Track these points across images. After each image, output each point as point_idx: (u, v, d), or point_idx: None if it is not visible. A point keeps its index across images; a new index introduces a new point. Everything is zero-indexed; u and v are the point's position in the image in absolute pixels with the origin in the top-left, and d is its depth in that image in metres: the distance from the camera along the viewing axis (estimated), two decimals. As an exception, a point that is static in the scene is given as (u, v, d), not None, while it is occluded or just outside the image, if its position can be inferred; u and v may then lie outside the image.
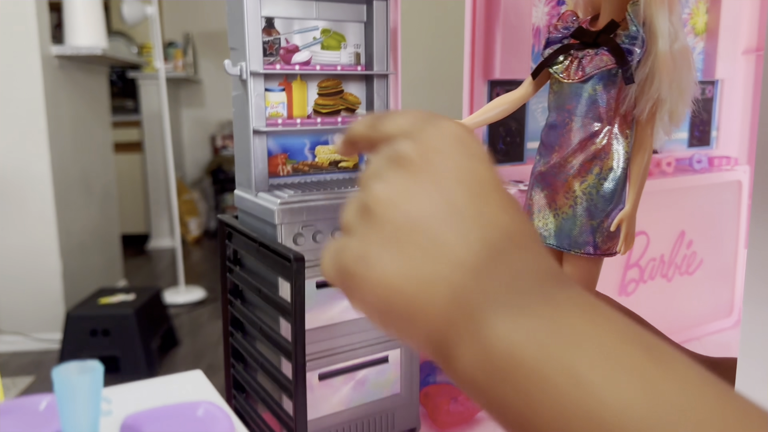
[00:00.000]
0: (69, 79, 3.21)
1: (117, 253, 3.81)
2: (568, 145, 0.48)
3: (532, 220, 0.50)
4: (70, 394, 0.29)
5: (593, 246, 0.48)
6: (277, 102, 0.54)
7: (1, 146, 2.89)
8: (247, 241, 0.53)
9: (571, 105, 0.47)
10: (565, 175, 0.47)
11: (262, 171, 0.54)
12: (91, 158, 3.47)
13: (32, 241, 2.97)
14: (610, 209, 0.47)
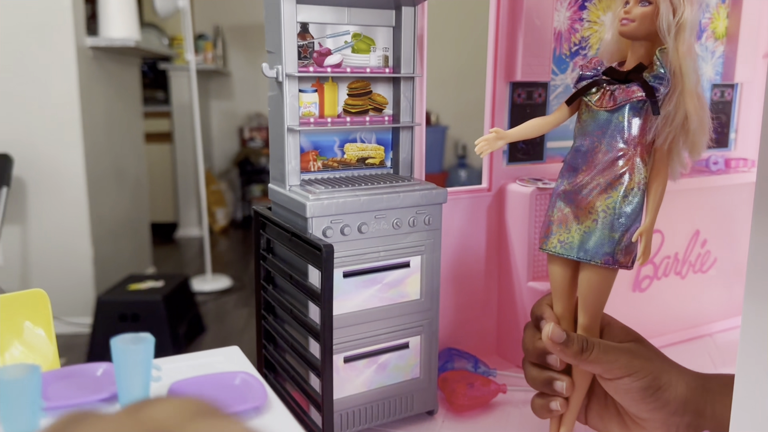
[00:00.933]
0: (102, 70, 3.28)
1: (146, 241, 3.89)
2: (594, 166, 0.52)
3: (552, 235, 0.54)
4: (125, 361, 0.33)
5: (612, 257, 0.51)
6: (310, 102, 0.58)
7: (37, 135, 2.98)
8: (280, 231, 0.57)
9: (600, 131, 0.52)
10: (590, 192, 0.52)
11: (295, 167, 0.58)
12: (123, 148, 3.55)
13: (65, 228, 3.05)
14: (629, 225, 0.52)
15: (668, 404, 0.52)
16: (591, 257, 0.52)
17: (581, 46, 0.77)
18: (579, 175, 0.53)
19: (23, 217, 3.05)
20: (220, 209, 5.10)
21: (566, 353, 0.52)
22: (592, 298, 0.54)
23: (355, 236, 0.57)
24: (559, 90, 0.77)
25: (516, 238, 0.75)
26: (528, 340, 0.56)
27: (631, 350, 0.53)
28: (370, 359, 0.60)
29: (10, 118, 2.96)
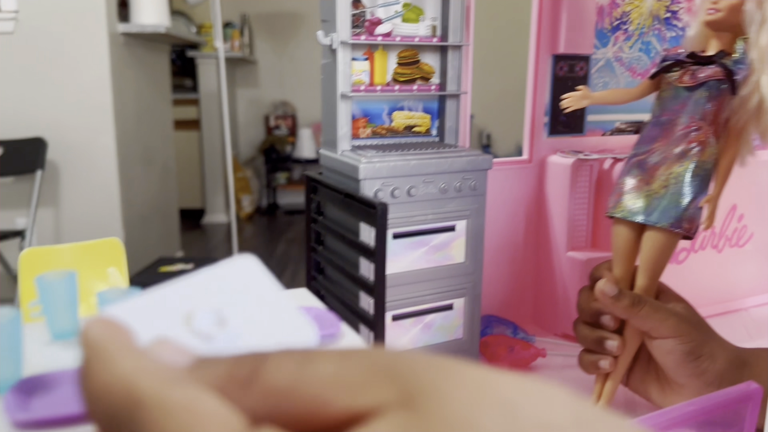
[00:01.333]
0: (133, 56, 3.33)
1: (175, 226, 3.95)
2: (670, 137, 0.55)
3: (622, 201, 0.57)
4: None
5: (678, 222, 0.54)
6: (361, 70, 0.60)
7: (70, 120, 3.03)
8: (332, 193, 0.60)
9: (679, 106, 0.55)
10: (663, 161, 0.55)
11: (347, 132, 0.60)
12: (153, 134, 3.60)
13: (97, 211, 3.11)
14: (697, 193, 0.54)
15: (705, 373, 0.54)
16: (657, 221, 0.54)
17: (622, 21, 0.78)
18: (655, 144, 0.56)
19: (56, 200, 3.11)
20: (246, 196, 5.15)
21: (618, 307, 0.54)
22: (653, 262, 0.56)
23: (405, 199, 0.59)
24: (600, 63, 0.78)
25: (555, 208, 0.77)
26: (583, 300, 0.58)
27: (681, 314, 0.55)
28: (416, 318, 0.62)
29: (44, 102, 3.01)
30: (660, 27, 0.81)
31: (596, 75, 0.78)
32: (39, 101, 3.00)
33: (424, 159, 0.59)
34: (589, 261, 0.75)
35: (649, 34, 0.80)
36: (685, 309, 0.57)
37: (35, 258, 0.41)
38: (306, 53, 5.41)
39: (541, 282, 0.81)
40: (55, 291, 0.32)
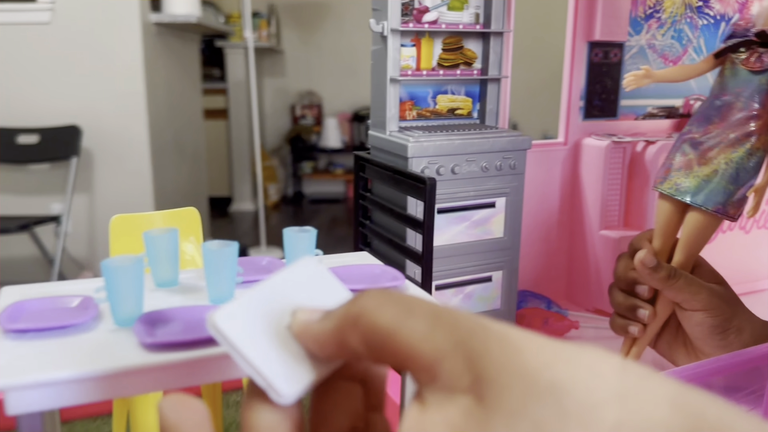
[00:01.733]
0: (165, 45, 3.39)
1: (205, 213, 4.02)
2: (727, 120, 0.55)
3: (670, 177, 0.57)
4: (293, 246, 0.42)
5: (723, 206, 0.55)
6: (408, 56, 0.64)
7: (104, 108, 3.11)
8: (380, 170, 0.64)
9: (741, 89, 0.54)
10: (717, 144, 0.54)
11: (395, 114, 0.64)
12: (183, 122, 3.67)
13: (131, 198, 3.19)
14: (746, 180, 0.54)
15: (731, 346, 0.57)
16: (703, 203, 0.55)
17: (655, 9, 0.81)
18: (710, 126, 0.56)
19: (90, 186, 3.19)
20: (272, 185, 5.21)
21: (654, 278, 0.56)
22: (693, 241, 0.58)
23: (449, 176, 0.63)
24: (633, 50, 0.81)
25: (589, 189, 0.80)
26: (621, 268, 0.61)
27: (713, 289, 0.57)
28: (457, 289, 0.66)
29: (79, 91, 3.09)
30: (692, 15, 0.83)
31: (630, 61, 0.81)
32: (74, 90, 3.08)
33: (467, 139, 0.63)
34: (621, 239, 0.78)
35: (681, 22, 0.83)
36: (719, 284, 0.59)
37: (123, 223, 0.46)
38: (332, 43, 5.45)
39: (575, 259, 0.84)
40: (159, 245, 0.37)
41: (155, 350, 0.31)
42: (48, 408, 0.30)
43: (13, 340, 0.32)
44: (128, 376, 0.31)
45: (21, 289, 0.39)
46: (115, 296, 0.33)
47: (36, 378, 0.29)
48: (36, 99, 3.09)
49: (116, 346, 0.32)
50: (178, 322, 0.33)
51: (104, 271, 0.32)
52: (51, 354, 0.31)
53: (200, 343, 0.31)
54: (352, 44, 5.34)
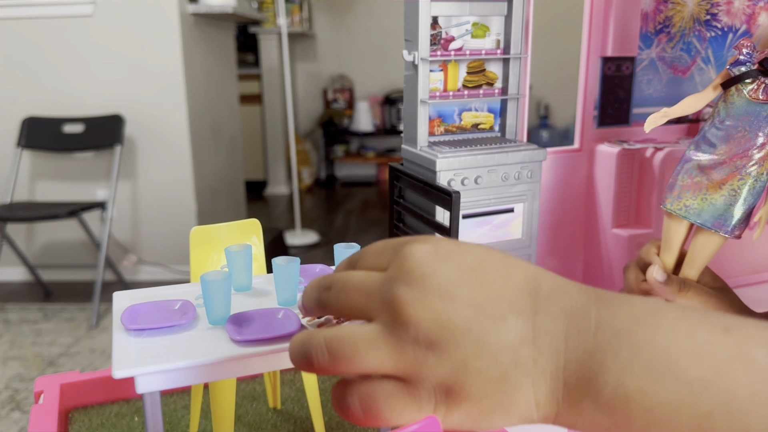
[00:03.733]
0: (202, 35, 3.50)
1: (241, 197, 4.15)
2: (736, 149, 0.56)
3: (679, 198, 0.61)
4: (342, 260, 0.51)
5: (730, 229, 0.58)
6: (436, 80, 0.72)
7: (145, 97, 3.23)
8: (412, 181, 0.73)
9: (747, 118, 0.56)
10: (726, 172, 0.57)
11: (425, 131, 0.72)
12: (221, 109, 3.79)
13: (172, 184, 3.31)
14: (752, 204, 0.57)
15: None
16: (712, 225, 0.59)
17: (665, 24, 0.88)
18: (717, 151, 0.59)
19: (133, 173, 3.33)
20: (306, 168, 5.32)
21: (666, 291, 0.61)
22: (702, 258, 0.63)
23: (472, 186, 0.72)
24: (644, 63, 0.88)
25: (602, 191, 0.88)
26: (632, 279, 0.66)
27: (719, 297, 0.63)
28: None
29: (121, 80, 3.21)
30: (700, 28, 0.90)
31: (641, 73, 0.88)
32: (116, 80, 3.21)
33: (488, 153, 0.72)
34: (632, 237, 0.86)
35: (690, 35, 0.90)
36: (722, 288, 0.64)
37: (200, 233, 0.56)
38: (363, 26, 5.50)
39: (589, 257, 0.92)
40: (238, 258, 0.47)
41: (242, 345, 0.41)
42: (165, 388, 0.40)
43: (134, 337, 0.43)
44: (223, 364, 0.41)
45: (129, 293, 0.49)
46: (210, 303, 0.43)
47: (157, 367, 0.39)
48: (80, 89, 3.23)
49: (212, 341, 0.42)
50: (257, 322, 0.43)
51: (202, 283, 0.43)
52: (164, 347, 0.41)
53: (274, 339, 0.41)
54: (383, 27, 5.39)
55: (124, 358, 0.40)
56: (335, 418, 0.68)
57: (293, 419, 0.68)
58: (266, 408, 0.70)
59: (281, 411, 0.69)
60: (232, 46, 4.00)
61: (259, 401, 0.71)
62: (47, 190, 3.33)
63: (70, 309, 3.03)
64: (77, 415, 0.70)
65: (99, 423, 0.69)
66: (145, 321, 0.44)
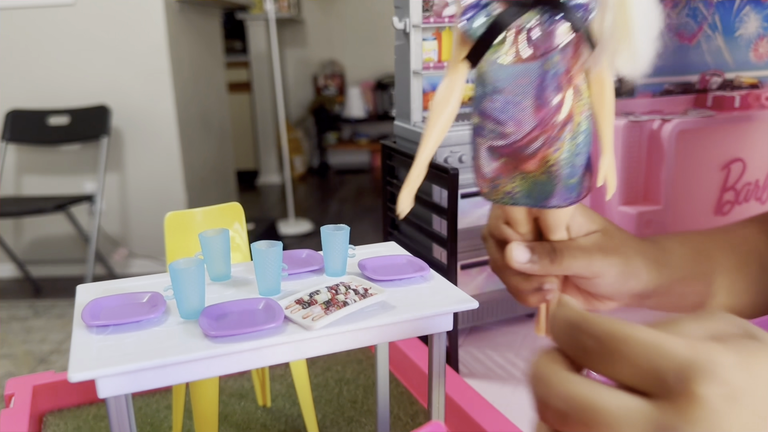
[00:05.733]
0: (187, 22, 3.42)
1: (232, 188, 4.09)
2: (527, 122, 0.41)
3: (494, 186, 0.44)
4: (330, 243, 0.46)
5: (577, 195, 0.43)
6: (430, 49, 0.67)
7: (131, 87, 3.16)
8: (406, 160, 0.68)
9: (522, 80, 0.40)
10: (532, 150, 0.42)
11: (418, 106, 0.67)
12: (208, 97, 3.72)
13: (161, 175, 3.25)
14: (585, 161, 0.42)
15: (633, 289, 0.51)
16: (556, 204, 0.44)
17: (670, -12, 0.83)
18: (508, 130, 0.41)
19: (121, 165, 3.26)
20: (298, 157, 5.26)
21: (535, 270, 0.47)
22: (560, 221, 0.48)
23: (470, 164, 0.67)
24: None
25: (607, 167, 0.83)
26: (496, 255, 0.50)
27: (601, 246, 0.48)
28: (481, 267, 0.70)
29: (106, 70, 3.14)
30: (707, -8, 0.85)
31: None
32: (101, 70, 3.13)
33: (488, 127, 0.67)
34: (641, 214, 0.81)
35: (696, 0, 0.85)
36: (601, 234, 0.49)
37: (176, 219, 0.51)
38: (353, 11, 5.42)
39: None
40: (213, 244, 0.42)
41: (217, 341, 0.36)
42: (131, 391, 0.35)
43: (96, 335, 0.38)
44: (195, 364, 0.36)
45: (94, 286, 0.44)
46: (180, 294, 0.38)
47: (120, 368, 0.34)
48: (64, 81, 3.16)
49: (184, 338, 0.37)
50: (235, 314, 0.39)
51: (171, 273, 0.37)
52: (130, 345, 0.37)
53: (253, 333, 0.37)
54: (374, 11, 5.31)
55: (84, 359, 0.35)
56: (329, 416, 0.63)
57: (284, 417, 0.63)
58: (255, 406, 0.65)
59: (271, 409, 0.65)
60: (218, 33, 3.93)
61: (247, 399, 0.67)
62: (34, 185, 3.26)
63: (61, 305, 2.97)
64: (51, 418, 0.65)
65: (75, 426, 0.64)
66: (109, 316, 0.39)
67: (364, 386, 0.69)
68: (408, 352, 0.66)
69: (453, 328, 0.45)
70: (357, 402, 0.66)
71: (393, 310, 0.42)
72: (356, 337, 0.41)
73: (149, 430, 0.62)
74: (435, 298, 0.44)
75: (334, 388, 0.69)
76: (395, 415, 0.63)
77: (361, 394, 0.67)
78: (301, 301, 0.41)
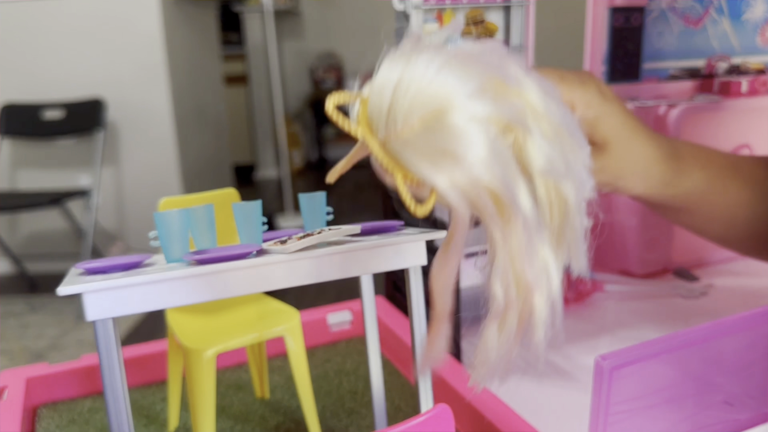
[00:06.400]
0: (183, 14, 3.40)
1: (229, 182, 4.07)
2: None
3: None
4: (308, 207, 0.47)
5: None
6: (431, 31, 0.66)
7: (126, 80, 3.13)
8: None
9: None
10: None
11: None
12: (204, 90, 3.70)
13: (156, 168, 3.23)
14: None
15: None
16: None
17: (676, -29, 0.81)
18: None
19: (117, 159, 3.24)
20: (296, 151, 5.24)
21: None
22: None
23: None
24: (654, 14, 0.81)
25: (612, 153, 0.81)
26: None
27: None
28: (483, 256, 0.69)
29: (101, 63, 3.12)
30: (714, -26, 0.83)
31: (651, 24, 0.81)
32: (96, 63, 3.11)
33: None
34: (644, 202, 0.80)
35: (703, -18, 0.83)
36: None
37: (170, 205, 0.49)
38: (351, 1, 5.39)
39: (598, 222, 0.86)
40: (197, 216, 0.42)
41: (202, 264, 0.38)
42: (119, 313, 0.36)
43: (88, 276, 0.38)
44: (181, 282, 0.37)
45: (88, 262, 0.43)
46: (166, 239, 0.39)
47: (106, 284, 0.36)
48: (59, 74, 3.13)
49: (170, 269, 0.38)
50: (218, 250, 0.39)
51: (157, 219, 0.38)
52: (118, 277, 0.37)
53: (237, 257, 0.38)
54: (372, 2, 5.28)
55: (74, 281, 0.36)
56: (329, 407, 0.61)
57: (282, 409, 0.62)
58: (253, 398, 0.64)
59: (269, 401, 0.63)
60: (214, 25, 3.90)
61: (246, 391, 0.65)
62: (29, 179, 3.24)
63: (57, 301, 2.95)
64: (45, 411, 0.64)
65: (69, 419, 0.62)
66: (103, 264, 0.39)
67: (364, 377, 0.67)
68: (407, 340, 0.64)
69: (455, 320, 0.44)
70: (357, 393, 0.64)
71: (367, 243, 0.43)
72: (333, 263, 0.41)
73: (145, 422, 0.61)
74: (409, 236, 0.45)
75: (334, 379, 0.67)
76: (396, 406, 0.61)
77: (362, 385, 0.66)
78: (278, 242, 0.42)
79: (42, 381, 0.65)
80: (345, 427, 0.58)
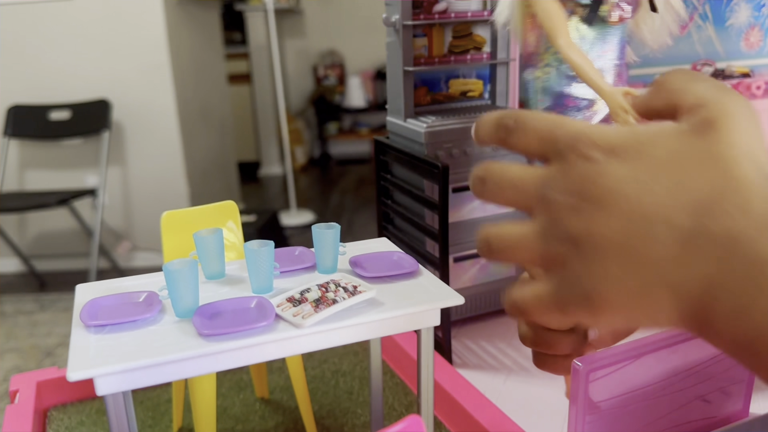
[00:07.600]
0: (186, 14, 3.42)
1: (234, 179, 4.10)
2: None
3: None
4: (321, 241, 0.47)
5: None
6: (421, 45, 0.68)
7: (131, 80, 3.16)
8: (399, 155, 0.69)
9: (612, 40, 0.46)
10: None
11: (410, 102, 0.69)
12: (209, 90, 3.72)
13: (162, 168, 3.26)
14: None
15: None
16: None
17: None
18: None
19: (123, 159, 3.27)
20: (299, 147, 5.26)
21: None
22: None
23: (461, 157, 0.68)
24: (639, 22, 0.84)
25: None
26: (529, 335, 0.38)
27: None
28: (474, 260, 0.72)
29: (106, 65, 3.14)
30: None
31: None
32: (102, 65, 3.14)
33: (478, 122, 0.68)
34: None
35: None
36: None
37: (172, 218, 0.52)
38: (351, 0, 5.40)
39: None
40: (208, 244, 0.43)
41: (210, 339, 0.37)
42: (128, 388, 0.37)
43: (95, 334, 0.39)
44: (189, 361, 0.37)
45: (93, 285, 0.45)
46: (175, 294, 0.39)
47: (117, 367, 0.36)
48: (64, 75, 3.16)
49: (179, 336, 0.39)
50: (228, 313, 0.40)
51: (166, 274, 0.39)
52: (127, 345, 0.38)
53: (245, 332, 0.38)
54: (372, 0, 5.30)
55: (83, 358, 0.37)
56: (325, 407, 0.64)
57: (281, 409, 0.65)
58: (253, 398, 0.67)
59: (269, 401, 0.66)
60: (217, 25, 3.92)
61: (246, 391, 0.68)
62: (37, 180, 3.28)
63: (66, 298, 3.00)
64: (56, 413, 0.67)
65: (78, 421, 0.65)
66: (106, 316, 0.40)
67: (360, 378, 0.70)
68: (402, 344, 0.67)
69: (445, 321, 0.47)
70: (353, 393, 0.67)
71: (381, 306, 0.43)
72: (345, 334, 0.42)
73: (151, 423, 0.64)
74: (423, 296, 0.45)
75: (331, 380, 0.70)
76: (390, 405, 0.64)
77: (357, 385, 0.69)
78: (292, 299, 0.42)
79: (52, 384, 0.68)
80: (340, 426, 0.61)
